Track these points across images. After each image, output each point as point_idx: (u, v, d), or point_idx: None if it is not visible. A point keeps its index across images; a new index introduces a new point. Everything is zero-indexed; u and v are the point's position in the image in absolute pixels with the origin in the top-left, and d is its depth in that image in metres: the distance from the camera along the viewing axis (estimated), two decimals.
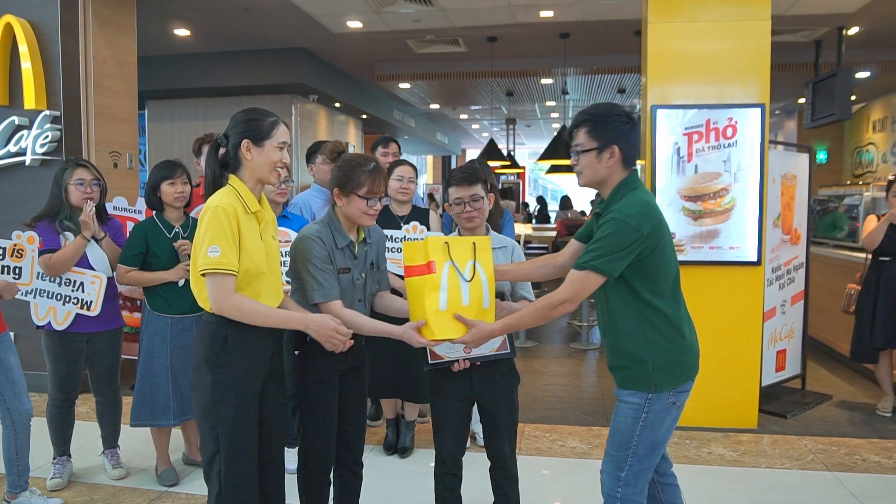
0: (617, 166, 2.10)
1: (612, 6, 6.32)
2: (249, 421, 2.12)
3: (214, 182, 2.16)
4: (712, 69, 4.08)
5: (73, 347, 3.21)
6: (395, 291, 3.41)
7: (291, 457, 3.45)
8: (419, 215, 3.63)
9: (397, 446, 3.75)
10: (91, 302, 3.19)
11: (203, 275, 2.03)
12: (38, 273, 3.13)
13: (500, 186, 17.39)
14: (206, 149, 3.81)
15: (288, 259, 2.47)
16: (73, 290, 3.17)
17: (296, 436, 3.48)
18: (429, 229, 3.57)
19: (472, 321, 2.20)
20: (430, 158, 23.01)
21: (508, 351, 2.49)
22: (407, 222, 3.55)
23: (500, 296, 2.58)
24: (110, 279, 3.26)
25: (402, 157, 3.94)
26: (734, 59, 4.07)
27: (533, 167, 25.42)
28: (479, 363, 2.47)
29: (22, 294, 3.10)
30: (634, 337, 2.09)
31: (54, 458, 3.34)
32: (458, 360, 2.43)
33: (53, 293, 3.17)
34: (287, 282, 2.61)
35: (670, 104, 4.09)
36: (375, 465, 3.59)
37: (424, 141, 16.44)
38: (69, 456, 3.38)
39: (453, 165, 21.52)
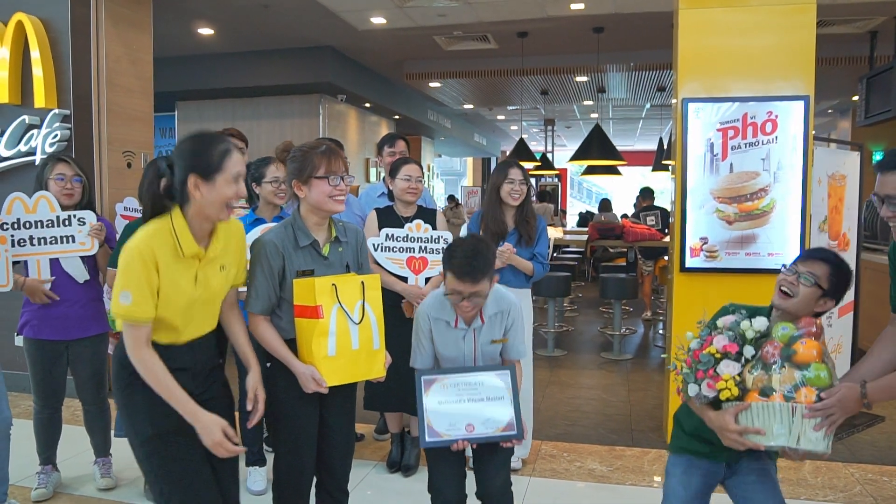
0: None
1: None
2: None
3: (154, 211, 1.89)
4: (750, 59, 3.72)
5: (49, 353, 3.06)
6: (393, 294, 3.21)
7: (257, 476, 3.27)
8: (425, 216, 3.40)
9: (401, 463, 3.51)
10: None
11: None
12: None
13: (537, 189, 17.15)
14: None
15: None
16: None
17: (258, 455, 3.30)
18: (435, 229, 3.34)
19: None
20: (469, 160, 22.79)
21: (515, 432, 2.20)
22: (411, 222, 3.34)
23: (491, 360, 2.32)
24: (89, 281, 3.11)
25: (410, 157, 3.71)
26: (774, 48, 3.70)
27: (577, 170, 24.99)
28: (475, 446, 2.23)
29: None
30: None
31: (39, 467, 3.20)
32: (458, 440, 2.17)
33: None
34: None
35: (703, 97, 3.75)
36: (376, 484, 3.36)
37: (461, 142, 16.22)
38: (54, 465, 3.23)
39: (492, 167, 21.21)
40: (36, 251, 3.05)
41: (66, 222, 3.08)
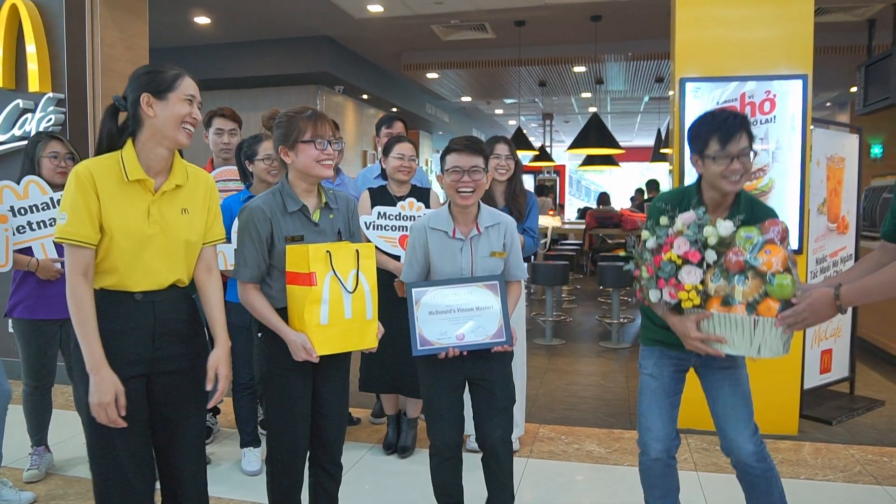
0: None
1: None
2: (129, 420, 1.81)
3: (110, 145, 1.83)
4: (748, 37, 3.70)
5: (44, 332, 3.03)
6: (386, 273, 3.19)
7: (252, 457, 3.24)
8: (418, 195, 3.37)
9: (397, 445, 3.48)
10: None
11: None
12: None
13: (536, 183, 17.12)
14: (214, 121, 3.65)
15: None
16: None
17: (253, 436, 3.27)
18: (427, 207, 3.31)
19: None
20: None
21: (504, 339, 2.30)
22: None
23: (493, 277, 2.34)
24: None
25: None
26: (772, 26, 3.68)
27: (574, 168, 24.94)
28: (465, 353, 2.30)
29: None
30: None
31: (32, 449, 3.17)
32: (448, 348, 2.26)
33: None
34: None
35: (701, 77, 3.72)
36: (372, 465, 3.33)
37: None
38: (47, 446, 3.21)
39: None
40: (38, 235, 3.01)
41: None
